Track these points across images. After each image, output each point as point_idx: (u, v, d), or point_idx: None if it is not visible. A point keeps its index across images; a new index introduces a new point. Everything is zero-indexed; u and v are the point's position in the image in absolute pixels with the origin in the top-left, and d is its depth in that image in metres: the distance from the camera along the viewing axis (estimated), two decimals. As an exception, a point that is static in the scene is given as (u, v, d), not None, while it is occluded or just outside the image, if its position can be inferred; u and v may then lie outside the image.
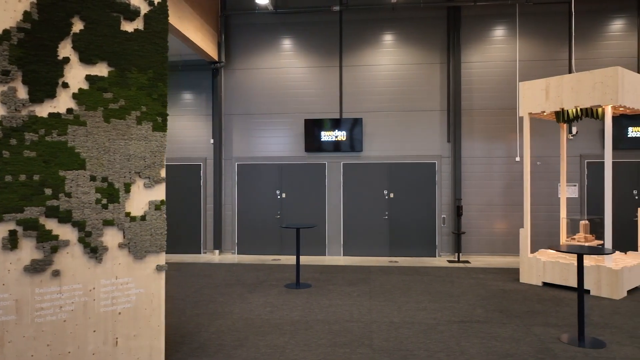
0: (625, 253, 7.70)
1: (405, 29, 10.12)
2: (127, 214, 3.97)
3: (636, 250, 9.55)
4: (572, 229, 9.50)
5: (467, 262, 9.40)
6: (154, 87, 4.12)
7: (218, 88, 10.36)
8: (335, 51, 10.28)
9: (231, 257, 10.12)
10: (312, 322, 5.42)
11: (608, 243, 6.61)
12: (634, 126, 9.45)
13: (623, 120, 9.48)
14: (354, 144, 10.07)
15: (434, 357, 4.32)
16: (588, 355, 4.37)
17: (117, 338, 3.92)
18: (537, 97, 7.32)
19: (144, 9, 4.08)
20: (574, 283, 6.90)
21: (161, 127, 4.16)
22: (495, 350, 4.50)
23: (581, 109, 7.12)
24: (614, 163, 9.62)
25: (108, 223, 3.88)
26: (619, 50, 9.63)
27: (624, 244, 9.52)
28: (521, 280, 7.56)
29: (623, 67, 9.57)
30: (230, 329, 5.16)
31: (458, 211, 9.56)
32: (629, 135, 9.47)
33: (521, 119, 9.78)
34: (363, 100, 10.21)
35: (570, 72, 9.76)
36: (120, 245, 3.94)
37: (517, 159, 9.76)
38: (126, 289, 3.99)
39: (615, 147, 9.51)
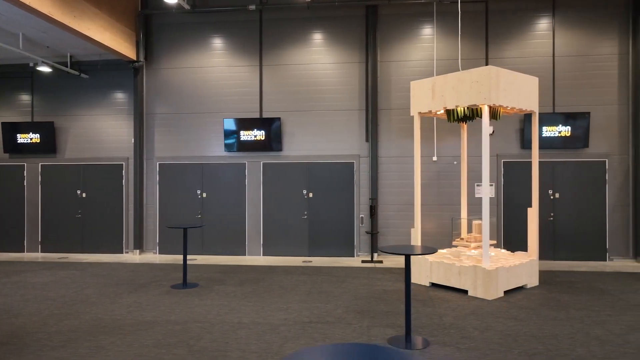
0: (513, 252, 7.64)
1: (325, 28, 10.08)
2: None
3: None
4: (476, 229, 9.45)
5: (381, 262, 9.37)
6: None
7: (139, 87, 10.32)
8: (255, 50, 10.25)
9: (151, 257, 10.08)
10: (160, 322, 5.38)
11: (486, 242, 6.58)
12: (548, 126, 9.40)
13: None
14: (273, 144, 10.04)
15: (243, 358, 4.29)
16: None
17: None
18: (425, 96, 7.28)
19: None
20: (455, 283, 6.86)
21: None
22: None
23: (469, 109, 7.07)
24: (528, 163, 9.58)
25: None
26: (534, 49, 9.59)
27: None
28: (412, 281, 7.52)
29: (533, 66, 9.56)
30: (71, 330, 5.13)
31: (371, 211, 9.52)
32: (543, 135, 9.42)
33: (440, 119, 9.76)
34: (283, 99, 10.17)
35: (486, 71, 9.71)
36: None
37: (434, 158, 9.73)
38: None
39: (529, 146, 9.47)
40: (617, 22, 9.42)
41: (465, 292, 6.82)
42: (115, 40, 9.25)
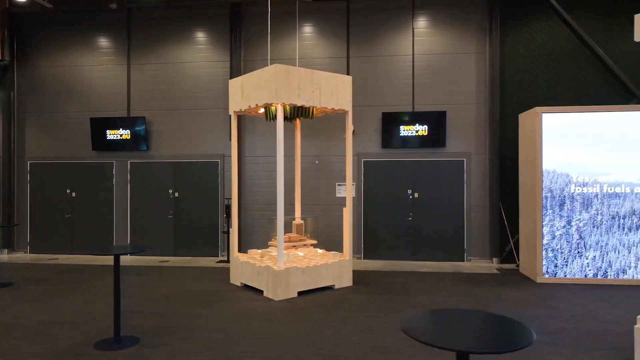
0: (329, 252, 7.56)
1: (193, 27, 10.02)
2: None
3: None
4: (295, 229, 9.42)
5: (237, 262, 9.31)
6: None
7: (8, 86, 10.27)
8: (124, 49, 10.18)
9: (19, 256, 10.04)
10: None
11: (280, 242, 6.51)
12: (406, 125, 9.33)
13: (395, 118, 9.33)
14: (140, 143, 9.98)
15: None
16: (90, 357, 4.29)
17: None
18: (237, 95, 7.22)
19: None
20: (256, 284, 6.80)
21: None
22: (22, 351, 4.42)
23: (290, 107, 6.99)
24: (388, 162, 9.50)
25: None
26: (394, 47, 9.51)
27: (395, 244, 9.42)
28: (231, 281, 7.46)
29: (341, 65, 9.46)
30: None
31: (226, 210, 9.46)
32: (401, 134, 9.35)
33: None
34: (151, 99, 10.11)
35: (348, 71, 9.65)
36: None
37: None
38: None
39: (388, 145, 9.39)
40: (475, 21, 9.34)
41: (260, 292, 6.76)
42: (-33, 38, 9.19)
